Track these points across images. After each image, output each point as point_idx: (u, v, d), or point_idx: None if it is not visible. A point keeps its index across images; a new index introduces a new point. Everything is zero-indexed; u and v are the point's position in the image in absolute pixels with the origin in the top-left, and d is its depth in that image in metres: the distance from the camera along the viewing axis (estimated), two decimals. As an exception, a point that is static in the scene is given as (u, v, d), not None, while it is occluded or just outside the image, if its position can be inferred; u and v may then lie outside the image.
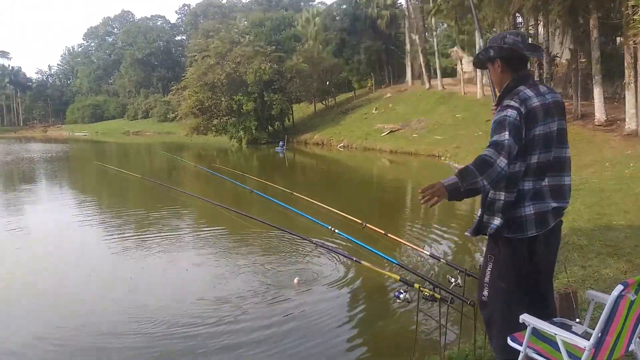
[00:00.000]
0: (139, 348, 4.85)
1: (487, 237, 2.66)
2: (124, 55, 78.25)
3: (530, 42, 2.74)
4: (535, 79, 2.64)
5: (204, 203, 6.14)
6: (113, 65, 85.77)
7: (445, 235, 8.91)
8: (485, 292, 2.65)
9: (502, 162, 2.32)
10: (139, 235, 9.80)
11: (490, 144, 2.42)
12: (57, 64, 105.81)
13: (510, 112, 2.43)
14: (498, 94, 2.67)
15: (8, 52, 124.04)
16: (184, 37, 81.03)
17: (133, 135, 63.04)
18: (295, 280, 6.22)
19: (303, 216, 4.99)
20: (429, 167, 20.10)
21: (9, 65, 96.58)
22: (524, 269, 2.60)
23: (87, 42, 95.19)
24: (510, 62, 2.58)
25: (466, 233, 2.71)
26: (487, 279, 2.64)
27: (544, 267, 2.70)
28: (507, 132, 2.39)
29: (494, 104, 2.73)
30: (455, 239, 8.68)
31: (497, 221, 2.53)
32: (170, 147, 37.29)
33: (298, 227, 6.24)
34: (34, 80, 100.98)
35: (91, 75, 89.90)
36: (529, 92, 2.50)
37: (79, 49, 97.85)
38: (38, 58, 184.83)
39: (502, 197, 2.54)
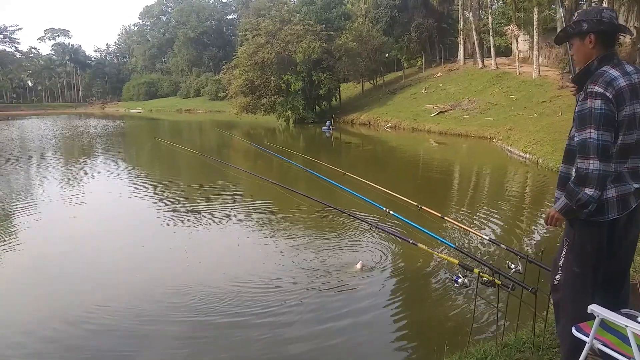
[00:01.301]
0: (191, 324, 5.00)
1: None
2: (178, 34, 79.88)
3: None
4: (621, 58, 2.50)
5: (256, 180, 6.26)
6: (167, 44, 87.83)
7: (503, 219, 8.71)
8: (558, 276, 2.60)
9: (595, 165, 2.31)
10: (195, 209, 10.13)
11: (578, 145, 2.39)
12: (115, 43, 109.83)
13: (595, 103, 2.33)
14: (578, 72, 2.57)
15: (68, 31, 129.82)
16: (235, 16, 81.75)
17: (185, 113, 64.72)
18: (359, 265, 6.09)
19: (356, 196, 5.00)
20: (480, 149, 19.60)
21: (69, 44, 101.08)
22: (601, 254, 2.52)
23: (142, 21, 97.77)
24: (605, 38, 2.47)
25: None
26: (561, 263, 2.58)
27: (623, 252, 2.61)
28: (592, 129, 2.32)
29: (572, 85, 2.62)
30: (513, 222, 8.47)
31: (591, 205, 2.42)
32: (221, 125, 38.08)
33: (351, 208, 6.26)
34: (92, 59, 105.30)
35: (146, 53, 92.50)
36: (614, 73, 2.38)
37: (135, 28, 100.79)
38: (97, 37, 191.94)
39: None
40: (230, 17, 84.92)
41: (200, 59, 78.21)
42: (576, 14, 2.62)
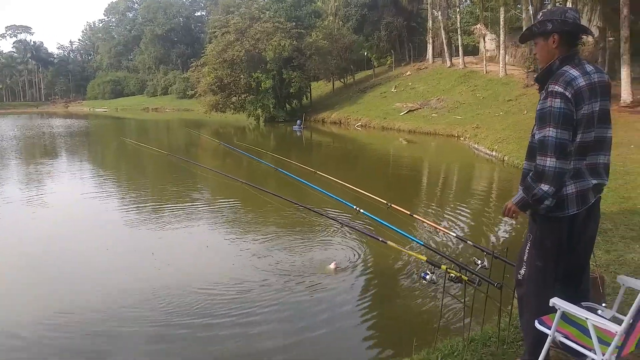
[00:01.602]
0: (159, 329, 4.88)
1: (528, 216, 2.65)
2: (144, 31, 78.39)
3: None
4: (582, 59, 2.57)
5: (225, 179, 6.20)
6: (133, 41, 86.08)
7: (470, 216, 8.88)
8: (522, 271, 2.66)
9: (551, 162, 2.39)
10: (162, 209, 9.96)
11: (537, 143, 2.46)
12: (79, 40, 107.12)
13: (555, 102, 2.40)
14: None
15: (30, 27, 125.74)
16: (204, 13, 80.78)
17: (152, 112, 63.57)
18: (332, 265, 6.03)
19: (327, 195, 5.01)
20: (448, 147, 19.92)
21: (30, 40, 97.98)
22: (562, 249, 2.60)
23: (107, 17, 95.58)
24: (568, 38, 2.54)
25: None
26: (525, 258, 2.65)
27: (583, 246, 2.70)
28: (551, 127, 2.39)
29: (533, 77, 2.70)
30: (480, 219, 8.64)
31: (548, 201, 2.50)
32: (189, 124, 37.55)
33: (322, 206, 6.26)
34: (55, 56, 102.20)
35: (111, 51, 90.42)
36: (574, 73, 2.45)
37: (100, 25, 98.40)
38: (60, 34, 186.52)
39: None
40: (198, 14, 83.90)
41: (168, 57, 76.96)
42: (541, 14, 2.68)
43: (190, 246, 7.65)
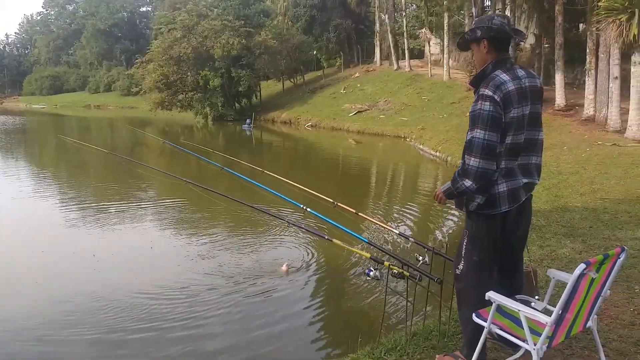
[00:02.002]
0: (99, 335, 4.71)
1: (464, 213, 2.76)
2: (86, 26, 74.97)
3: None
4: (514, 63, 2.70)
5: (172, 179, 6.05)
6: (74, 36, 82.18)
7: (413, 214, 9.12)
8: (460, 266, 2.76)
9: (474, 162, 2.51)
10: (104, 211, 9.59)
11: (466, 143, 2.58)
12: (15, 33, 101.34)
13: (484, 105, 2.51)
14: None
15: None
16: (150, 9, 78.26)
17: (94, 109, 61.02)
18: (284, 267, 6.00)
19: (274, 194, 5.00)
20: (395, 148, 20.34)
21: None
22: (496, 244, 2.72)
23: (46, 10, 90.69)
24: (496, 43, 2.64)
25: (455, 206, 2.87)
26: (462, 253, 2.75)
27: (515, 241, 2.82)
28: (479, 129, 2.50)
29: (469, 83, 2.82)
30: (423, 217, 8.89)
31: (478, 199, 2.63)
32: (134, 122, 36.33)
33: (269, 205, 6.24)
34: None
35: (50, 45, 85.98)
36: (504, 77, 2.56)
37: (38, 18, 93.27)
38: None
39: None
40: (144, 9, 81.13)
41: (111, 52, 74.06)
42: (473, 22, 2.81)
43: (134, 247, 7.42)
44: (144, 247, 7.31)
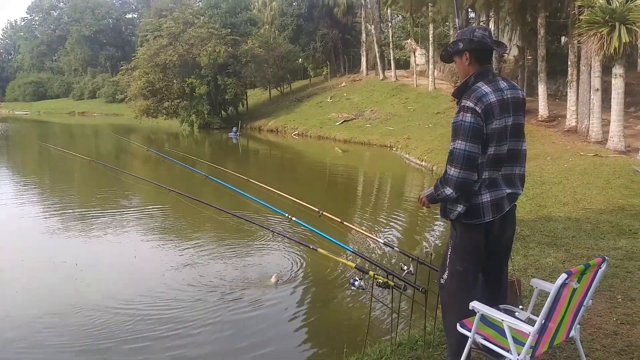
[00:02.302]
0: (81, 347, 4.61)
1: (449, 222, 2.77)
2: (70, 32, 74.27)
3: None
4: (497, 75, 2.72)
5: (156, 188, 5.98)
6: (58, 42, 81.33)
7: (398, 224, 9.14)
8: (445, 275, 2.76)
9: (454, 172, 2.55)
10: (87, 219, 9.46)
11: (449, 153, 2.62)
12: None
13: (466, 116, 2.54)
14: None
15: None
16: (135, 15, 77.89)
17: (79, 116, 60.32)
18: (273, 279, 5.91)
19: (259, 203, 4.97)
20: (381, 157, 20.43)
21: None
22: (480, 254, 2.72)
23: (30, 15, 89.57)
24: (478, 55, 2.66)
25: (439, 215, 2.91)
26: (447, 263, 2.76)
27: (499, 251, 2.84)
28: (461, 140, 2.54)
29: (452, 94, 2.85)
30: (408, 227, 8.92)
31: (459, 208, 2.65)
32: (119, 130, 35.99)
33: (254, 215, 6.21)
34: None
35: (34, 51, 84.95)
36: (485, 89, 2.58)
37: (22, 23, 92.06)
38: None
39: None
40: (129, 16, 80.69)
41: (96, 59, 73.46)
42: (455, 34, 2.83)
43: (117, 257, 7.30)
44: (128, 256, 7.21)
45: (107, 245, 7.85)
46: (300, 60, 40.57)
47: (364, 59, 37.35)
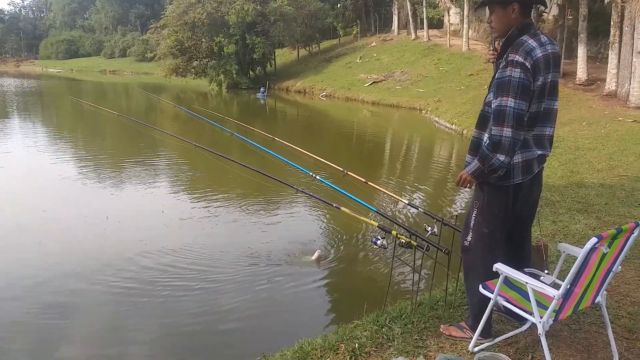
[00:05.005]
0: (107, 300, 4.76)
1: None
2: (100, -11, 74.54)
3: None
4: (536, 29, 2.57)
5: (182, 143, 6.05)
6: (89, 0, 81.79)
7: (423, 186, 9.07)
8: (469, 238, 2.71)
9: (507, 132, 2.39)
10: (115, 173, 9.70)
11: (494, 112, 2.44)
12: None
13: (514, 71, 2.39)
14: (497, 40, 2.64)
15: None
16: (164, -28, 77.18)
17: (109, 74, 61.04)
18: (316, 255, 5.48)
19: (284, 161, 4.95)
20: (410, 120, 20.08)
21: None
22: (507, 216, 2.65)
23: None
24: (526, 7, 2.52)
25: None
26: (471, 224, 2.69)
27: (526, 213, 2.76)
28: (510, 97, 2.38)
29: (491, 49, 2.69)
30: (433, 189, 8.82)
31: (502, 171, 2.51)
32: (148, 88, 36.30)
33: (278, 173, 6.18)
34: (6, 12, 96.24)
35: (65, 8, 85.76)
36: (532, 43, 2.43)
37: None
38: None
39: None
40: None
41: (126, 17, 73.71)
42: None
43: (143, 212, 7.49)
44: (156, 211, 7.39)
45: (134, 200, 8.06)
46: (329, 18, 39.67)
47: (395, 18, 36.29)
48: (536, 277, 2.61)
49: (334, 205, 3.61)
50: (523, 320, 2.73)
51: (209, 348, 3.96)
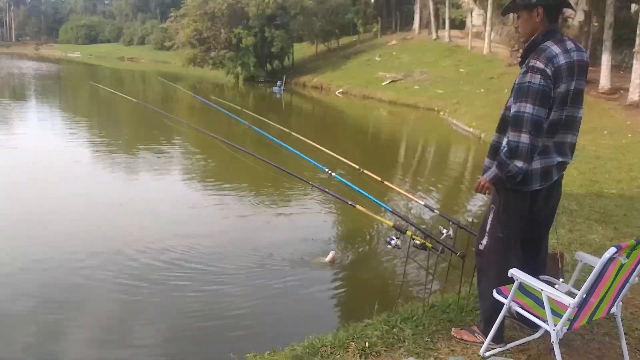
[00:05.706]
0: (119, 286, 4.80)
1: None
2: (122, -25, 75.02)
3: None
4: (563, 35, 2.53)
5: (198, 133, 6.08)
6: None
7: (440, 187, 9.01)
8: (484, 241, 2.69)
9: (525, 139, 2.37)
10: (131, 160, 9.80)
11: (512, 118, 2.41)
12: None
13: (534, 77, 2.36)
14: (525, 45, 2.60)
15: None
16: (187, -39, 77.43)
17: (128, 62, 61.46)
18: (330, 256, 5.34)
19: (300, 157, 4.95)
20: (427, 120, 19.95)
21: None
22: (523, 221, 2.63)
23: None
24: (552, 12, 2.49)
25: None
26: (487, 228, 2.68)
27: (542, 220, 2.74)
28: (528, 104, 2.36)
29: (519, 55, 2.67)
30: (450, 192, 8.77)
31: (519, 177, 2.49)
32: (166, 77, 36.45)
33: (294, 168, 6.20)
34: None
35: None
36: (555, 50, 2.41)
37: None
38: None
39: None
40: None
41: (146, 4, 74.09)
42: None
43: (156, 202, 7.53)
44: (168, 201, 7.45)
45: (148, 188, 8.12)
46: (350, 14, 39.50)
47: (417, 17, 36.01)
48: (551, 284, 2.58)
49: (349, 202, 3.61)
50: (535, 327, 2.71)
51: (218, 340, 3.99)
